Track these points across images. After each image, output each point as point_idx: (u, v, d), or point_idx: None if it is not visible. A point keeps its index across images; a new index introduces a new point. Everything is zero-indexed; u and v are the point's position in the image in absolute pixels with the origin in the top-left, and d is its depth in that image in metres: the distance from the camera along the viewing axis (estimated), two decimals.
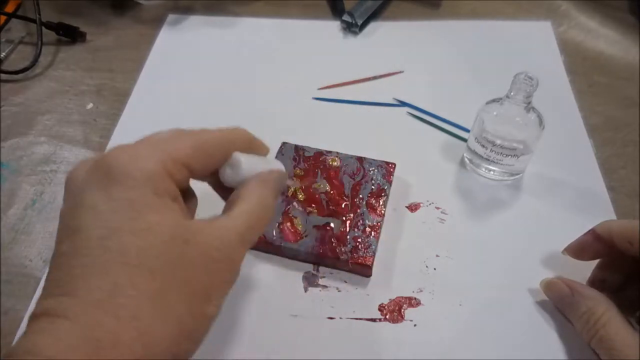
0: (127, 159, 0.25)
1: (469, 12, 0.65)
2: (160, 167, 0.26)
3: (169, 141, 0.27)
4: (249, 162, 0.30)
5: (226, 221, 0.27)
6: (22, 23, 0.64)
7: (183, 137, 0.28)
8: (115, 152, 0.26)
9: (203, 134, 0.29)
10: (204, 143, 0.29)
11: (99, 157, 0.26)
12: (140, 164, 0.25)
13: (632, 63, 0.58)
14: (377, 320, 0.39)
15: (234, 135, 0.31)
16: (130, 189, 0.24)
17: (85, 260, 0.23)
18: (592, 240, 0.38)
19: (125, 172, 0.25)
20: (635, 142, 0.51)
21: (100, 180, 0.25)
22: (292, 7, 0.66)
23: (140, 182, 0.25)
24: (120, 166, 0.25)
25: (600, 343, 0.34)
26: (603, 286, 0.37)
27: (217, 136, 0.30)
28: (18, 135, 0.52)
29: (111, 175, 0.25)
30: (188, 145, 0.28)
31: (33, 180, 0.49)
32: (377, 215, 0.43)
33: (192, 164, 0.27)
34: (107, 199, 0.24)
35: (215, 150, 0.29)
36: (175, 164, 0.26)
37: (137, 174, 0.25)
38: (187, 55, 0.61)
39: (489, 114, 0.44)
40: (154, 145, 0.27)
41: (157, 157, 0.26)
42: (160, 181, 0.25)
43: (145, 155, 0.26)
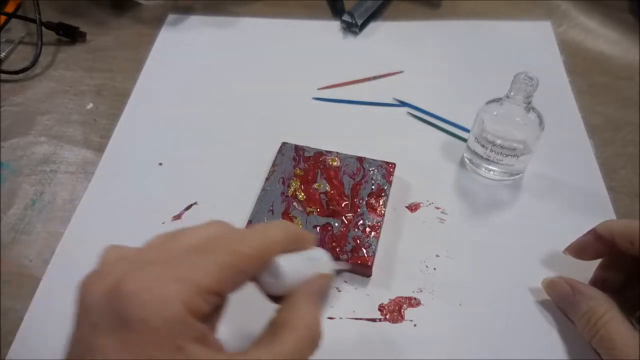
0: (146, 301, 0.22)
1: (469, 12, 0.65)
2: (182, 310, 0.22)
3: (194, 264, 0.23)
4: (292, 269, 0.27)
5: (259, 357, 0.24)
6: (22, 23, 0.64)
7: (210, 254, 0.24)
8: (133, 289, 0.22)
9: (236, 244, 0.25)
10: (237, 260, 0.24)
11: (113, 286, 0.22)
12: (162, 310, 0.22)
13: (632, 63, 0.58)
14: (377, 320, 0.39)
15: (273, 238, 0.27)
16: (148, 342, 0.21)
17: None
18: (593, 240, 0.38)
19: (144, 320, 0.21)
20: (635, 142, 0.51)
21: (113, 321, 0.22)
22: (292, 7, 0.66)
23: (160, 333, 0.21)
24: (138, 311, 0.21)
25: (601, 342, 0.34)
26: (604, 286, 0.37)
27: (252, 247, 0.25)
28: (18, 135, 0.52)
29: (127, 319, 0.21)
30: (217, 267, 0.24)
31: (33, 180, 0.49)
32: (377, 215, 0.43)
33: (223, 288, 0.24)
34: (121, 348, 0.21)
35: (251, 266, 0.25)
36: (202, 295, 0.23)
37: (157, 323, 0.21)
38: (187, 55, 0.61)
39: (489, 114, 0.44)
40: (176, 276, 0.23)
41: (181, 294, 0.22)
42: (182, 327, 0.22)
43: (168, 295, 0.22)
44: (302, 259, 0.28)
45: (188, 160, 0.50)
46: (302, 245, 0.28)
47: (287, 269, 0.26)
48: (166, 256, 0.24)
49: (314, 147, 0.48)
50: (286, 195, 0.44)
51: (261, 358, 0.24)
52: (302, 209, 0.43)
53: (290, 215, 0.43)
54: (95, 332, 0.22)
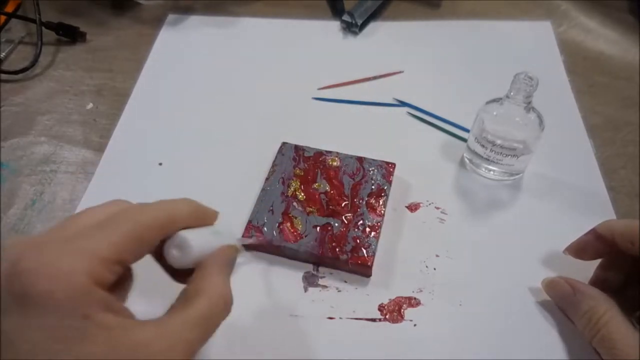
0: (46, 275, 0.21)
1: (469, 12, 0.65)
2: (86, 280, 0.22)
3: (94, 236, 0.23)
4: (198, 241, 0.27)
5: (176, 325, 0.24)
6: (22, 23, 0.64)
7: (110, 225, 0.24)
8: (31, 265, 0.21)
9: (136, 214, 0.25)
10: (138, 230, 0.25)
11: (10, 266, 0.22)
12: (64, 282, 0.21)
13: (632, 63, 0.58)
14: (377, 320, 0.39)
15: (174, 211, 0.27)
16: (53, 315, 0.21)
17: None
18: (593, 239, 0.38)
19: (46, 293, 0.21)
20: (635, 142, 0.51)
21: (17, 300, 0.21)
22: (292, 7, 0.66)
23: (65, 304, 0.21)
24: (39, 286, 0.21)
25: (601, 342, 0.34)
26: (605, 286, 0.37)
27: (153, 217, 0.26)
28: (18, 135, 0.52)
29: (28, 295, 0.21)
30: (118, 237, 0.24)
31: (33, 180, 0.49)
32: (377, 215, 0.43)
33: (126, 257, 0.24)
34: (26, 327, 0.21)
35: (152, 235, 0.26)
36: (105, 264, 0.23)
37: (60, 294, 0.21)
38: (187, 55, 0.61)
39: (488, 114, 0.44)
40: (76, 249, 0.23)
41: (82, 266, 0.22)
42: (88, 297, 0.22)
43: (67, 268, 0.22)
44: (207, 233, 0.29)
45: (188, 160, 0.50)
46: (205, 221, 0.29)
47: (192, 242, 0.27)
48: (66, 234, 0.24)
49: (314, 147, 0.48)
50: (286, 195, 0.44)
51: (173, 322, 0.24)
52: (302, 209, 0.43)
53: (290, 215, 0.43)
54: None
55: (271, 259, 0.42)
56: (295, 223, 0.42)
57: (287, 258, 0.42)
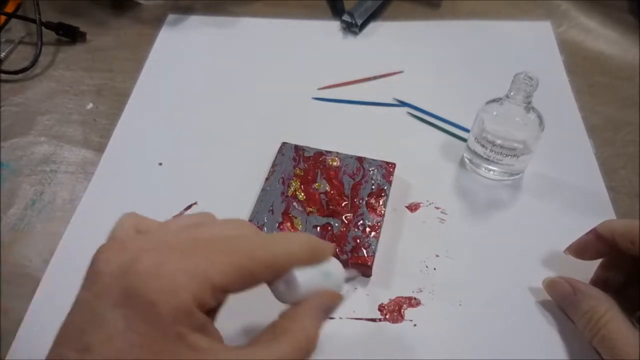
0: (159, 286, 0.22)
1: (469, 12, 0.65)
2: (191, 301, 0.22)
3: (211, 259, 0.24)
4: (306, 283, 0.27)
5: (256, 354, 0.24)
6: (22, 23, 0.64)
7: (229, 252, 0.24)
8: (148, 270, 0.22)
9: (256, 248, 0.25)
10: (254, 265, 0.25)
11: (129, 262, 0.23)
12: (171, 298, 0.22)
13: (632, 63, 0.58)
14: (377, 320, 0.39)
15: (293, 251, 0.27)
16: (152, 326, 0.22)
17: None
18: (594, 239, 0.38)
19: (152, 303, 0.22)
20: (635, 142, 0.51)
21: (124, 297, 0.22)
22: (292, 7, 0.66)
23: (165, 319, 0.22)
24: (149, 293, 0.22)
25: (602, 342, 0.34)
26: (605, 286, 0.37)
27: (271, 256, 0.25)
28: (18, 135, 0.52)
29: (136, 298, 0.22)
30: (233, 266, 0.24)
31: (33, 180, 0.49)
32: (377, 215, 0.43)
33: (233, 288, 0.24)
34: (126, 327, 0.22)
35: (265, 273, 0.26)
36: (212, 290, 0.23)
37: (164, 309, 0.22)
38: (187, 55, 0.61)
39: (488, 114, 0.44)
40: (191, 267, 0.23)
41: (192, 287, 0.22)
42: (188, 318, 0.22)
43: (179, 285, 0.22)
44: (318, 273, 0.28)
45: (188, 160, 0.50)
46: (320, 257, 0.28)
47: (301, 282, 0.26)
48: (187, 244, 0.24)
49: (314, 147, 0.48)
50: (286, 195, 0.44)
51: (258, 354, 0.24)
52: (302, 209, 0.43)
53: (290, 215, 0.43)
54: (101, 302, 0.22)
55: None
56: (295, 223, 0.42)
57: None
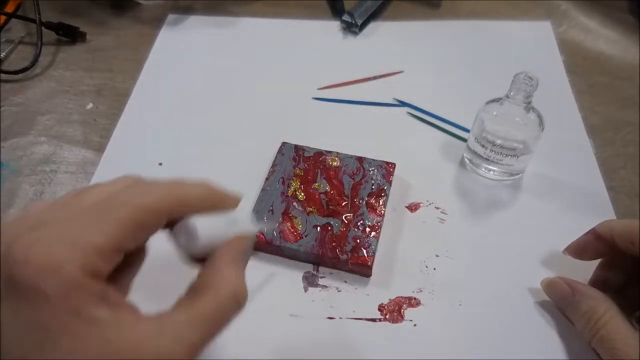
0: (37, 267, 0.20)
1: (469, 12, 0.65)
2: (78, 272, 0.20)
3: (90, 223, 0.22)
4: (208, 231, 0.25)
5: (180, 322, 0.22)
6: (22, 23, 0.64)
7: (109, 209, 0.22)
8: (24, 254, 0.20)
9: (140, 196, 0.23)
10: (140, 215, 0.23)
11: (5, 249, 0.21)
12: (54, 275, 0.20)
13: (632, 63, 0.58)
14: (377, 320, 0.39)
15: (186, 195, 0.25)
16: (41, 310, 0.20)
17: None
18: (593, 240, 0.38)
19: (34, 288, 0.20)
20: (635, 142, 0.51)
21: (6, 286, 0.20)
22: (292, 7, 0.66)
23: (53, 300, 0.20)
24: (29, 278, 0.20)
25: (601, 342, 0.34)
26: (605, 286, 0.37)
27: (158, 200, 0.24)
28: (18, 135, 0.52)
29: (18, 286, 0.20)
30: (116, 223, 0.22)
31: (33, 180, 0.49)
32: (377, 215, 0.43)
33: (125, 245, 0.22)
34: (15, 318, 0.20)
35: (156, 220, 0.24)
36: (101, 254, 0.21)
37: (49, 289, 0.20)
38: (187, 55, 0.61)
39: (488, 114, 0.44)
40: (70, 237, 0.21)
41: (74, 257, 0.21)
42: (79, 291, 0.20)
43: (58, 259, 0.20)
44: (222, 221, 0.27)
45: (188, 160, 0.50)
46: (224, 207, 0.27)
47: (200, 232, 0.25)
48: (66, 215, 0.22)
49: (314, 147, 0.48)
50: (286, 195, 0.44)
51: (176, 319, 0.23)
52: (302, 208, 0.43)
53: (290, 215, 0.43)
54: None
55: (271, 259, 0.42)
56: (295, 223, 0.42)
57: (287, 258, 0.42)
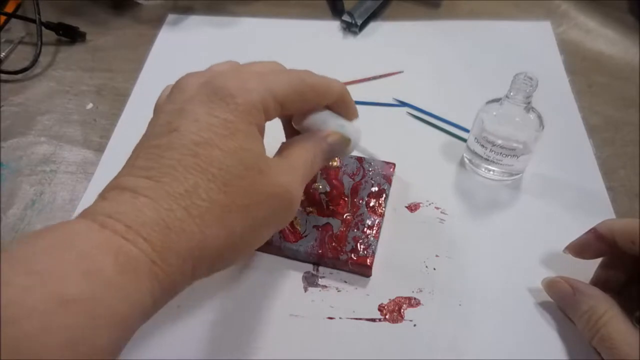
0: (236, 85, 0.28)
1: (469, 12, 0.65)
2: (260, 101, 0.29)
3: (274, 77, 0.30)
4: (322, 116, 0.33)
5: (290, 164, 0.31)
6: (22, 23, 0.64)
7: (286, 76, 0.31)
8: (227, 76, 0.29)
9: (305, 76, 0.32)
10: (305, 87, 0.31)
11: (210, 76, 0.29)
12: (246, 94, 0.28)
13: (631, 63, 0.58)
14: (377, 320, 0.39)
15: (331, 87, 0.33)
16: (231, 112, 0.28)
17: (177, 157, 0.26)
18: (594, 239, 0.37)
19: (232, 96, 0.28)
20: (635, 142, 0.51)
21: (208, 95, 0.28)
22: (292, 7, 0.66)
23: (241, 109, 0.28)
24: (229, 89, 0.28)
25: (601, 342, 0.34)
26: (606, 286, 0.37)
27: (316, 82, 0.32)
28: (18, 135, 0.52)
29: (219, 94, 0.28)
30: (291, 85, 0.30)
31: (33, 180, 0.49)
32: (377, 215, 0.43)
33: (287, 104, 0.30)
34: (209, 113, 0.27)
35: (311, 96, 0.32)
36: (274, 101, 0.29)
37: (240, 101, 0.28)
38: (187, 55, 0.61)
39: (488, 114, 0.44)
40: (260, 79, 0.29)
41: (261, 91, 0.29)
42: (256, 113, 0.29)
43: (252, 87, 0.29)
44: (334, 117, 0.34)
45: None
46: (347, 110, 0.35)
47: (316, 117, 0.33)
48: (250, 70, 0.31)
49: None
50: None
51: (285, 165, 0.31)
52: (302, 209, 0.43)
53: None
54: (191, 102, 0.28)
55: (271, 259, 0.42)
56: (295, 223, 0.42)
57: (287, 258, 0.42)
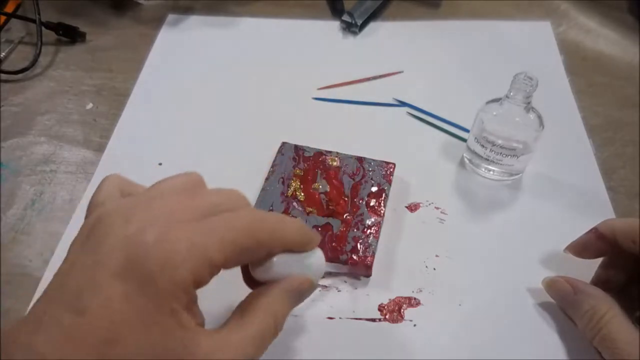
0: (159, 262, 0.22)
1: (469, 12, 0.65)
2: (189, 278, 0.23)
3: (211, 235, 0.24)
4: (283, 264, 0.28)
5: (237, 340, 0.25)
6: (22, 23, 0.63)
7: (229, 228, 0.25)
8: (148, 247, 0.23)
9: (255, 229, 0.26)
10: (252, 244, 0.25)
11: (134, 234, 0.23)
12: (170, 273, 0.23)
13: (631, 63, 0.58)
14: (377, 320, 0.39)
15: (289, 235, 0.28)
16: (149, 299, 0.22)
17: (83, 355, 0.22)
18: (595, 238, 0.37)
19: (151, 277, 0.22)
20: (635, 142, 0.51)
21: (124, 269, 0.23)
22: (292, 7, 0.66)
23: (162, 295, 0.23)
24: (149, 268, 0.22)
25: (603, 342, 0.34)
26: (607, 286, 0.37)
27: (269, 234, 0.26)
28: (18, 135, 0.52)
29: (136, 273, 0.22)
30: (233, 246, 0.24)
31: (33, 180, 0.49)
32: (377, 215, 0.43)
33: (229, 264, 0.25)
34: (123, 297, 0.22)
35: (260, 252, 0.27)
36: (210, 268, 0.24)
37: (162, 284, 0.22)
38: (187, 55, 0.61)
39: (488, 114, 0.44)
40: (191, 244, 0.23)
41: (192, 263, 0.23)
42: (182, 295, 0.23)
43: (178, 262, 0.23)
44: (297, 258, 0.29)
45: (188, 160, 0.50)
46: (308, 247, 0.29)
47: (276, 261, 0.27)
48: (188, 215, 0.25)
49: (313, 147, 0.48)
50: (286, 195, 0.44)
51: (234, 337, 0.25)
52: (301, 209, 0.43)
53: (290, 215, 0.43)
54: (101, 270, 0.23)
55: None
56: None
57: None
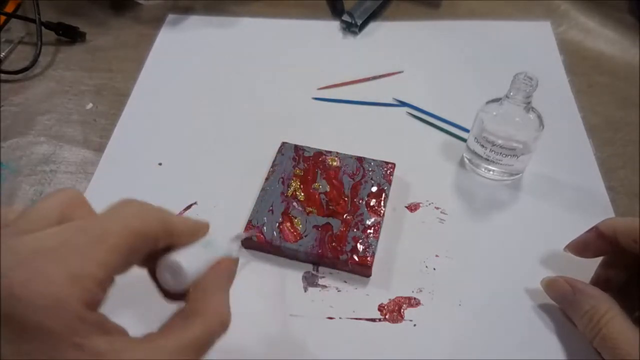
0: (39, 306, 0.20)
1: (469, 12, 0.65)
2: (79, 306, 0.21)
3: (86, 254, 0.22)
4: (192, 264, 0.26)
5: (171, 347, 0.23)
6: (22, 23, 0.64)
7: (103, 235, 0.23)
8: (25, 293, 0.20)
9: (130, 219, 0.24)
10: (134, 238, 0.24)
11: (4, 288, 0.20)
12: (58, 313, 0.21)
13: (632, 63, 0.58)
14: (377, 320, 0.39)
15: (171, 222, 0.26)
16: (46, 346, 0.20)
17: None
18: (595, 237, 0.37)
19: (39, 326, 0.20)
20: (635, 142, 0.51)
21: (8, 325, 0.20)
22: (292, 7, 0.66)
23: (57, 336, 0.20)
24: (31, 318, 0.20)
25: (602, 342, 0.34)
26: (607, 285, 0.37)
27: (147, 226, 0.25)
28: (18, 135, 0.52)
29: (20, 328, 0.20)
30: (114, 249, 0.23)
31: (33, 180, 0.49)
32: (377, 215, 0.43)
33: (120, 270, 0.24)
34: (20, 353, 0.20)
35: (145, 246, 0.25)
36: (99, 285, 0.22)
37: (54, 327, 0.20)
38: (187, 55, 0.61)
39: (488, 114, 0.44)
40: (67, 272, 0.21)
41: (78, 292, 0.21)
42: (81, 325, 0.21)
43: (63, 295, 0.21)
44: (199, 249, 0.27)
45: (188, 160, 0.50)
46: (197, 234, 0.28)
47: (187, 268, 0.26)
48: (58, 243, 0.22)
49: (313, 147, 0.48)
50: (286, 195, 0.44)
51: (167, 344, 0.23)
52: (301, 209, 0.43)
53: (290, 215, 0.43)
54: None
55: (271, 259, 0.42)
56: (295, 223, 0.42)
57: (287, 258, 0.42)
